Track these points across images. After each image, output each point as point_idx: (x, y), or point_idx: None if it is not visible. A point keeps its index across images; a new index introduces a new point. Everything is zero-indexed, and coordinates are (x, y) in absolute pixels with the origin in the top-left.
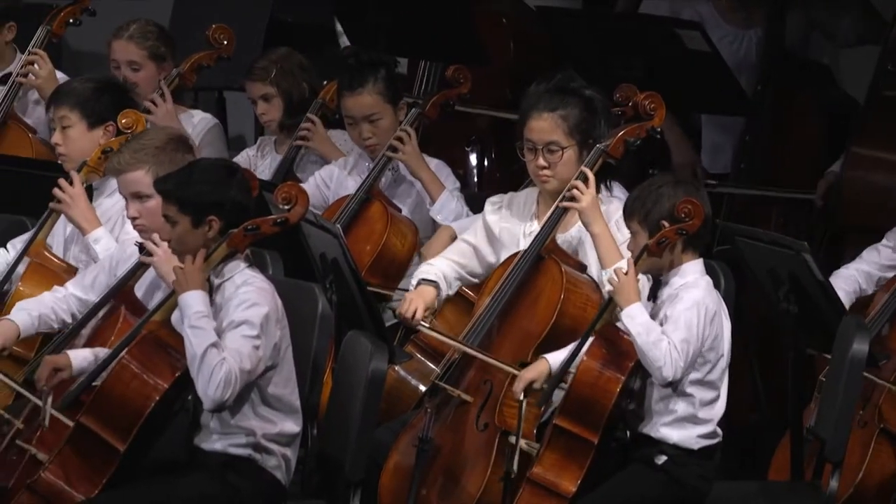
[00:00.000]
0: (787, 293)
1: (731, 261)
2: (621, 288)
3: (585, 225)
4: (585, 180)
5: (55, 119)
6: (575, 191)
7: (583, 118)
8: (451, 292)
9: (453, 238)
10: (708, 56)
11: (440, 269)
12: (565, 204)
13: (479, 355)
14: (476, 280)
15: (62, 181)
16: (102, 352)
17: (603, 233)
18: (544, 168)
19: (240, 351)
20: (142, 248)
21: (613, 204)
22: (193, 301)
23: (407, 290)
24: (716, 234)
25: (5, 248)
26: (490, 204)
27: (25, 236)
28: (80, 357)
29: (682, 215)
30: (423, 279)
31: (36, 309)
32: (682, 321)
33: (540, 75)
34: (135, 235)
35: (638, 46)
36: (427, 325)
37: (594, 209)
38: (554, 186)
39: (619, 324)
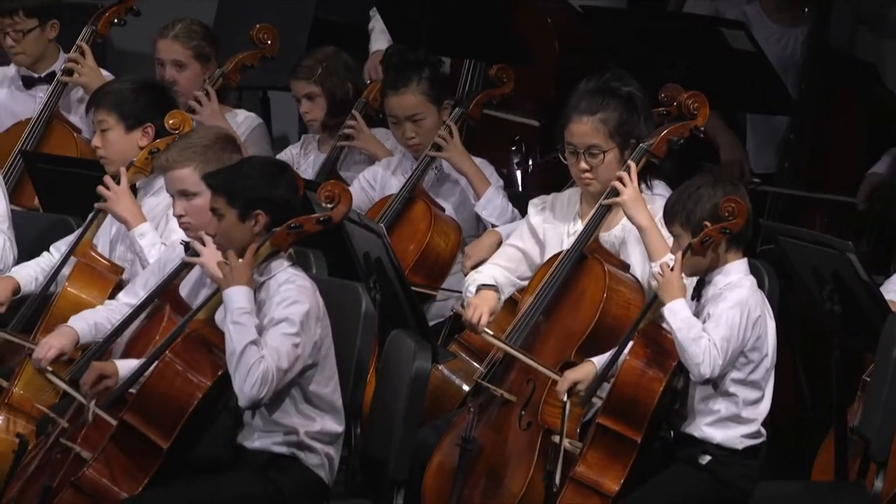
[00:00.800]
0: (830, 293)
1: (775, 261)
2: (666, 283)
3: (630, 218)
4: (628, 175)
5: (94, 122)
6: (618, 184)
7: (623, 119)
8: (504, 297)
9: (499, 242)
10: (752, 55)
11: (492, 274)
12: (608, 201)
13: (529, 361)
14: (523, 283)
15: (107, 178)
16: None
17: (649, 225)
18: (586, 171)
19: (278, 349)
20: (188, 247)
21: (656, 202)
22: (237, 297)
23: (450, 290)
24: (760, 233)
25: (49, 251)
26: (533, 206)
27: (69, 238)
28: (127, 367)
29: (726, 214)
30: (483, 284)
31: (92, 318)
32: (723, 319)
33: (584, 75)
34: (179, 234)
35: (682, 46)
36: (491, 332)
37: (637, 202)
38: (597, 189)
39: (662, 323)
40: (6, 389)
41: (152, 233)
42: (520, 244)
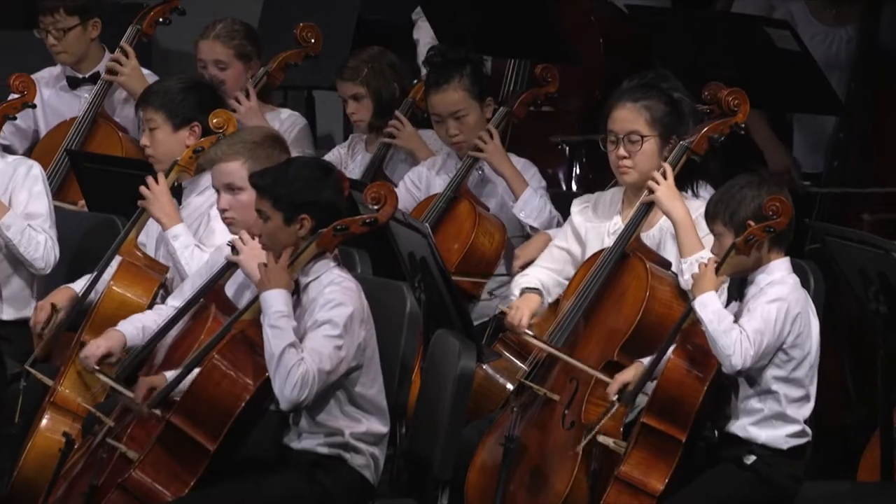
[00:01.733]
0: (876, 293)
1: (822, 260)
2: (699, 277)
3: (666, 213)
4: (664, 174)
5: (143, 121)
6: (651, 182)
7: (666, 112)
8: (551, 299)
9: (548, 244)
10: (798, 55)
11: (538, 277)
12: (646, 198)
13: (573, 362)
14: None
15: (149, 179)
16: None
17: (684, 220)
18: (624, 158)
19: (320, 351)
20: (234, 247)
21: (694, 203)
22: (274, 300)
23: (500, 274)
24: (808, 233)
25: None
26: (576, 205)
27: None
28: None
29: (770, 213)
30: (527, 287)
31: (140, 321)
32: (758, 312)
33: (627, 75)
34: (220, 237)
35: (728, 45)
36: (532, 333)
37: (672, 197)
38: (633, 178)
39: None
40: (52, 388)
41: (186, 234)
42: (564, 245)
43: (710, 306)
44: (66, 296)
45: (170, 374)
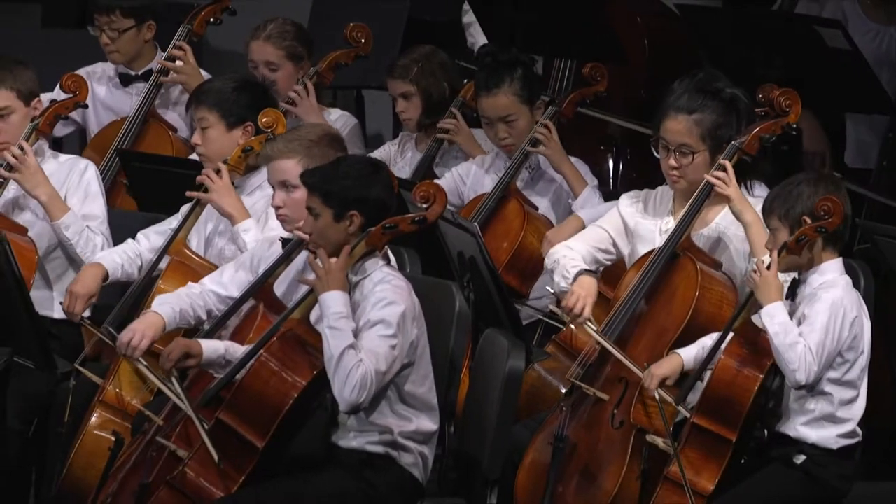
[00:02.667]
0: None
1: (871, 259)
2: (763, 284)
3: (737, 214)
4: (724, 171)
5: (195, 120)
6: (717, 180)
7: (719, 123)
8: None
9: (581, 228)
10: (848, 54)
11: (580, 253)
12: (711, 180)
13: (618, 354)
14: (607, 264)
15: (210, 171)
16: (233, 346)
17: (755, 221)
18: (674, 169)
19: (376, 352)
20: (285, 243)
21: (750, 200)
22: (333, 301)
23: (534, 308)
24: (857, 233)
25: (135, 238)
26: (626, 197)
27: (158, 227)
28: (211, 349)
29: (822, 213)
30: (584, 269)
31: (176, 304)
32: (818, 324)
33: (675, 74)
34: (278, 232)
35: (778, 44)
36: (594, 327)
37: (742, 199)
38: (683, 187)
39: (754, 318)
40: (102, 387)
41: (256, 228)
42: (607, 227)
43: (776, 317)
44: (97, 276)
45: (204, 342)
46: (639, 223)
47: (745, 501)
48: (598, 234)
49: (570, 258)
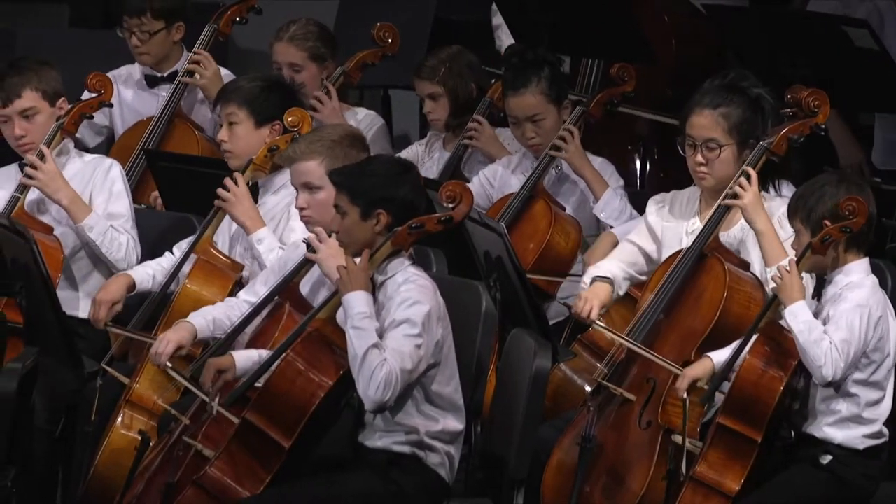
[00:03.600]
0: None
1: None
2: (785, 285)
3: (749, 223)
4: (748, 178)
5: (222, 116)
6: (738, 188)
7: (745, 118)
8: (621, 292)
9: (615, 245)
10: (876, 54)
11: (609, 269)
12: (728, 202)
13: (648, 354)
14: (644, 278)
15: (227, 180)
16: (267, 354)
17: (767, 230)
18: (701, 165)
19: (401, 351)
20: (310, 244)
21: (776, 201)
22: (356, 302)
23: (574, 275)
24: (888, 233)
25: (171, 251)
26: (652, 203)
27: (192, 239)
28: (244, 357)
29: (847, 213)
30: (598, 276)
31: (210, 314)
32: (843, 321)
33: (702, 74)
34: (299, 234)
35: (805, 44)
36: (602, 323)
37: (757, 207)
38: (711, 184)
39: (781, 322)
40: (128, 386)
41: (270, 237)
42: (637, 241)
43: (800, 316)
44: (123, 285)
45: (236, 354)
46: (665, 227)
47: (770, 502)
48: (627, 249)
49: (589, 272)
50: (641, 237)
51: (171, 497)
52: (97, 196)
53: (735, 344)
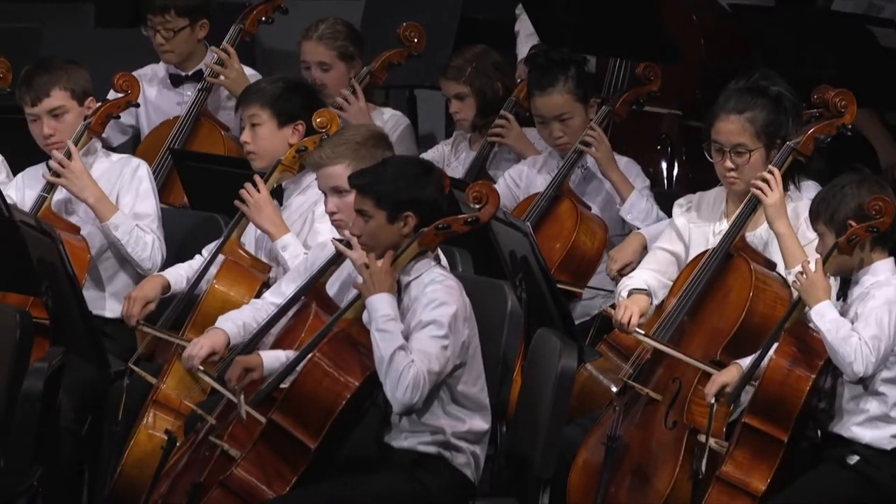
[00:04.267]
0: None
1: None
2: (810, 286)
3: (770, 223)
4: (772, 176)
5: (245, 117)
6: (764, 185)
7: (770, 120)
8: (657, 301)
9: (643, 245)
10: None
11: (644, 279)
12: (753, 191)
13: (685, 357)
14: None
15: (249, 186)
16: (293, 355)
17: (787, 232)
18: (731, 170)
19: (427, 352)
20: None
21: (802, 202)
22: (380, 304)
23: (595, 288)
24: None
25: (201, 254)
26: (678, 206)
27: (219, 243)
28: (272, 357)
29: (873, 213)
30: (636, 289)
31: (239, 318)
32: (872, 318)
33: (730, 74)
34: (324, 236)
35: (831, 44)
36: (642, 332)
37: (780, 208)
38: (741, 188)
39: (809, 323)
40: (155, 386)
41: (295, 244)
42: (668, 247)
43: (826, 315)
44: (158, 285)
45: (264, 353)
46: (692, 230)
47: (797, 502)
48: (658, 257)
49: (625, 284)
50: (671, 242)
51: (197, 497)
52: (124, 196)
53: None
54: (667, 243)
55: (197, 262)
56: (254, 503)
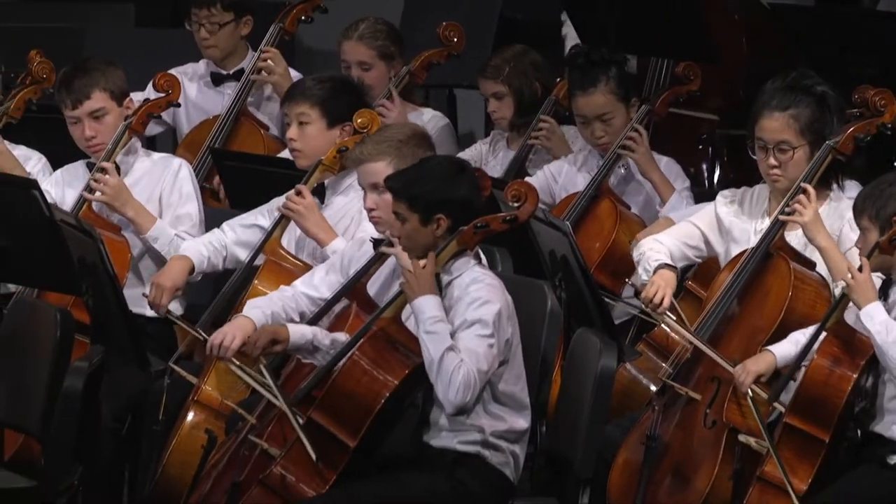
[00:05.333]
0: None
1: None
2: (858, 287)
3: (810, 240)
4: (805, 195)
5: (292, 115)
6: (797, 205)
7: (815, 118)
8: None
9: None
10: None
11: (668, 247)
12: (786, 219)
13: (708, 350)
14: (698, 261)
15: (293, 194)
16: (321, 332)
17: (829, 246)
18: (775, 167)
19: (475, 351)
20: (377, 244)
21: (843, 202)
22: (427, 306)
23: (628, 303)
24: None
25: (222, 229)
26: (722, 196)
27: (243, 220)
28: (298, 334)
29: None
30: (664, 264)
31: (268, 307)
32: None
33: (772, 74)
34: (373, 233)
35: (873, 43)
36: (674, 316)
37: (817, 224)
38: (784, 185)
39: (846, 317)
40: (197, 386)
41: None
42: (701, 225)
43: (876, 317)
44: (183, 269)
45: (293, 329)
46: (733, 223)
47: (838, 502)
48: (688, 229)
49: (655, 251)
50: (706, 223)
51: (236, 496)
52: (168, 196)
53: (794, 335)
54: (700, 222)
55: (215, 236)
56: (293, 502)
